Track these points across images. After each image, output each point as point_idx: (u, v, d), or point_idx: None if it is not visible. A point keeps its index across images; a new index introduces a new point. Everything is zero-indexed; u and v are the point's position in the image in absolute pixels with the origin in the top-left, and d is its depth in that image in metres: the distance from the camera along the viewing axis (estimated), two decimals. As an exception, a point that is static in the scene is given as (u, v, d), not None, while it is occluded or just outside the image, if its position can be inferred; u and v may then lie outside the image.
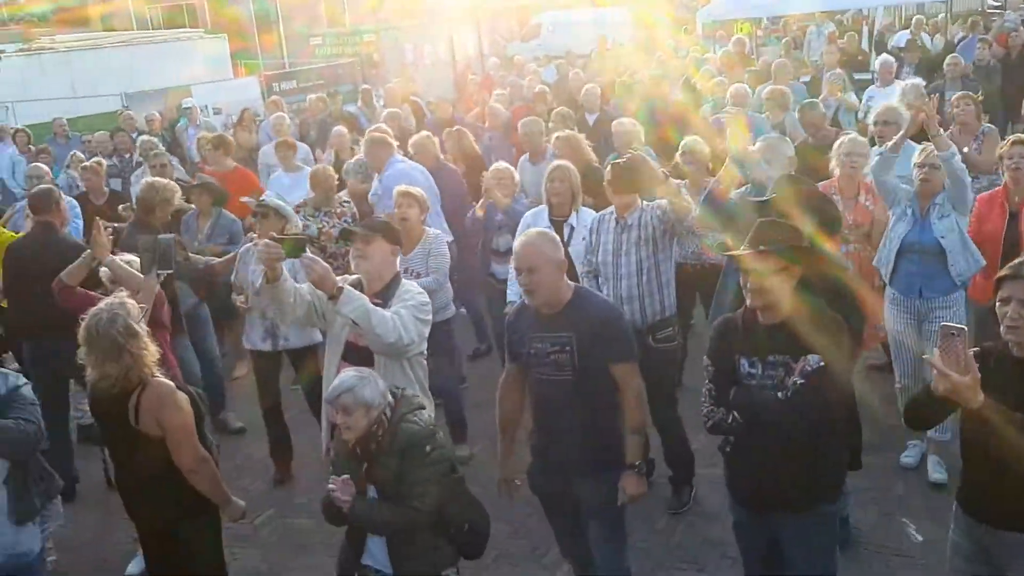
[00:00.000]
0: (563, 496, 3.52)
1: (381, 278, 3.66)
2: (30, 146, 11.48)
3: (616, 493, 3.37)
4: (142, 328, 3.40)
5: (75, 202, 7.17)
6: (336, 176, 6.88)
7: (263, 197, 5.66)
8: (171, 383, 3.48)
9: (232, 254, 5.67)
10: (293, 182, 7.63)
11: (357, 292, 3.38)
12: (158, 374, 3.46)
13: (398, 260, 3.84)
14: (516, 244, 3.49)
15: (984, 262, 4.61)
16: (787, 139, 5.81)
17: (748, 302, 2.97)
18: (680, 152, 5.81)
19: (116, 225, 5.73)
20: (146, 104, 14.00)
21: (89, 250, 4.57)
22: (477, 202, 6.20)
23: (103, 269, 4.52)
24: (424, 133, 7.28)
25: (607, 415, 3.41)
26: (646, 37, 25.08)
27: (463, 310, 6.66)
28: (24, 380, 3.51)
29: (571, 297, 3.41)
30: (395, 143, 7.00)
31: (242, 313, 5.51)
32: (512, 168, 6.16)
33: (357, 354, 3.53)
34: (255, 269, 5.02)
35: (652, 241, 4.60)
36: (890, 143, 4.77)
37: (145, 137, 9.42)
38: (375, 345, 3.41)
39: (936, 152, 4.48)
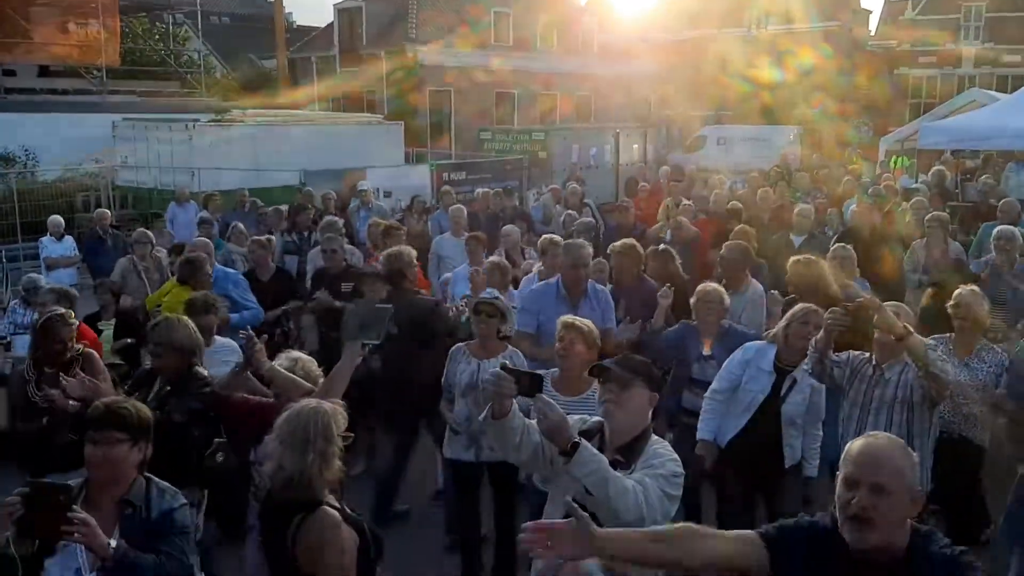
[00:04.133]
0: None
1: (631, 431, 2.99)
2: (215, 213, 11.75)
3: None
4: (339, 440, 2.99)
5: (241, 276, 7.04)
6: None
7: (485, 294, 5.21)
8: (338, 515, 2.98)
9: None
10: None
11: (596, 452, 2.74)
12: (331, 499, 3.01)
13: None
14: (858, 445, 2.31)
15: None
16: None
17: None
18: (953, 304, 4.89)
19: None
20: (323, 182, 14.29)
21: (240, 361, 4.18)
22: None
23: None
24: (629, 241, 6.62)
25: None
26: (818, 157, 24.39)
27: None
28: (183, 500, 3.08)
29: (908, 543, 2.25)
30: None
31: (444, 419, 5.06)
32: (722, 291, 5.47)
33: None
34: (465, 370, 4.69)
35: (910, 407, 3.84)
36: None
37: (330, 218, 9.32)
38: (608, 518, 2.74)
39: None
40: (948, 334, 4.80)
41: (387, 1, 29.69)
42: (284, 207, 11.34)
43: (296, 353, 4.16)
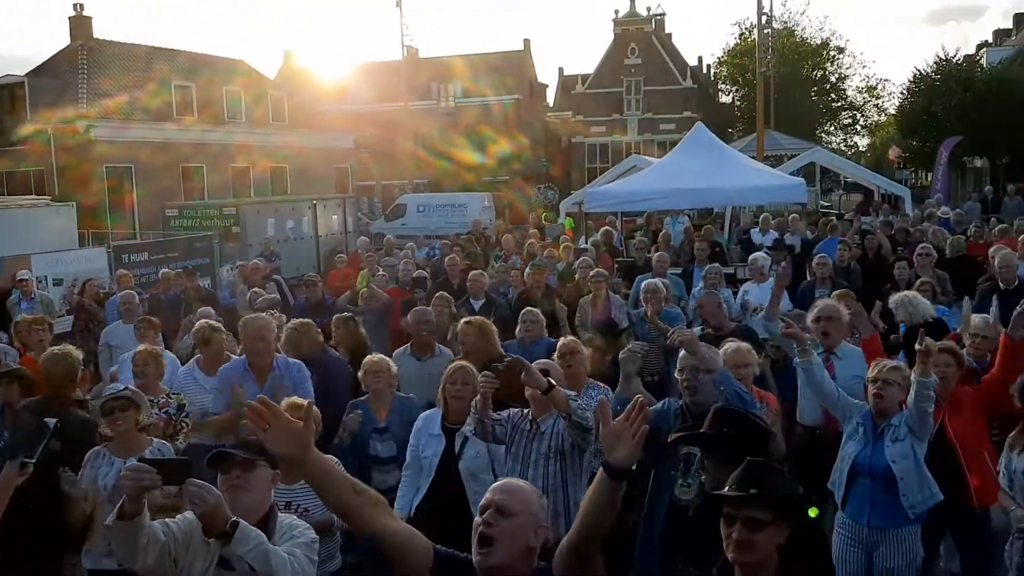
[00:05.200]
0: None
1: (259, 511, 3.01)
2: None
3: None
4: None
5: None
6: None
7: (113, 387, 4.82)
8: None
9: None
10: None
11: (253, 528, 2.72)
12: None
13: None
14: (498, 485, 2.54)
15: (941, 496, 4.28)
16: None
17: (729, 556, 2.48)
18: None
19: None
20: (-22, 274, 12.72)
21: None
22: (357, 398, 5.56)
23: None
24: (303, 320, 6.61)
25: None
26: (503, 223, 25.90)
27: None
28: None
29: None
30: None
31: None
32: (389, 361, 5.55)
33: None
34: (108, 472, 4.30)
35: (562, 456, 4.14)
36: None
37: None
38: None
39: (917, 376, 4.17)
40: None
41: (52, 76, 27.54)
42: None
43: None
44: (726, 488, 2.55)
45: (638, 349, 4.85)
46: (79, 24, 29.09)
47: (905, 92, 40.57)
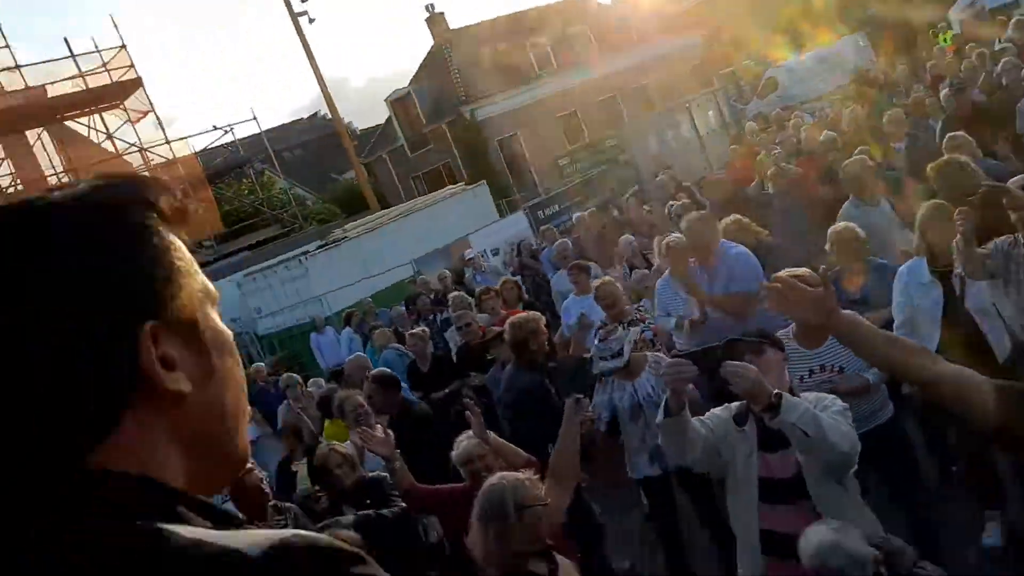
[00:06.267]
0: None
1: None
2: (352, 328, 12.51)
3: None
4: (537, 508, 2.96)
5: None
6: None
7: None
8: None
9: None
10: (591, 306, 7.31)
11: (794, 397, 2.87)
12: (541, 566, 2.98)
13: None
14: None
15: None
16: None
17: None
18: None
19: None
20: (435, 264, 14.87)
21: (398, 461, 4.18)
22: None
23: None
24: (735, 216, 6.72)
25: None
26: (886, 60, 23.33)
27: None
28: None
29: None
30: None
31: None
32: (855, 226, 5.11)
33: (774, 489, 3.00)
34: (622, 395, 4.70)
35: None
36: None
37: (455, 295, 9.58)
38: (816, 463, 2.86)
39: None
40: None
41: (430, 78, 30.71)
42: (401, 306, 11.96)
43: None
44: None
45: None
46: (435, 22, 31.99)
47: None
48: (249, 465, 4.98)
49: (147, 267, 0.78)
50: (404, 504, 4.23)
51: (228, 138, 28.55)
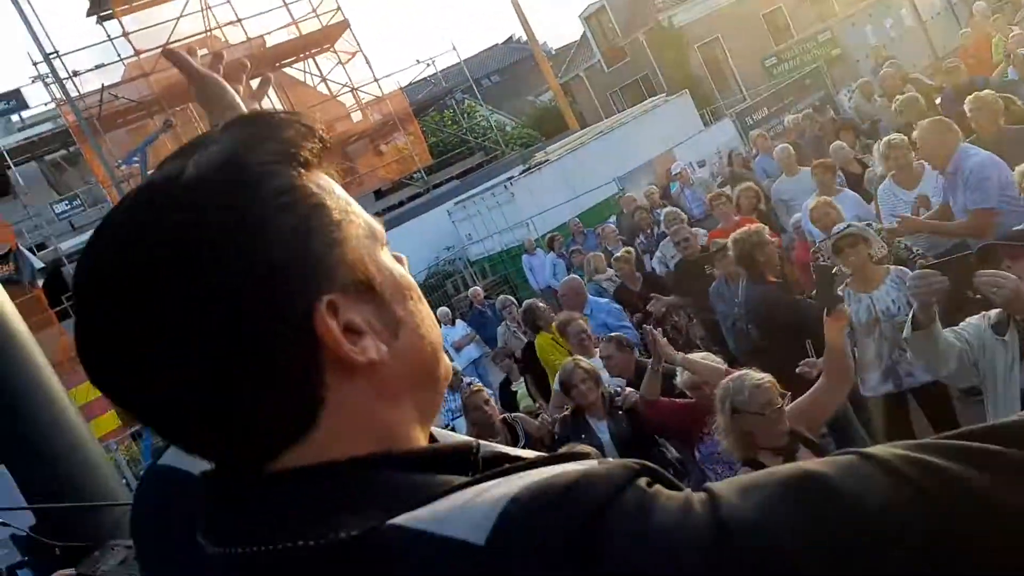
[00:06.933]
0: None
1: None
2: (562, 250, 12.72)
3: None
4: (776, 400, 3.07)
5: (613, 306, 7.23)
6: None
7: (840, 226, 4.87)
8: None
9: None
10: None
11: None
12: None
13: None
14: None
15: None
16: None
17: None
18: None
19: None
20: (639, 180, 14.69)
21: (652, 361, 4.32)
22: None
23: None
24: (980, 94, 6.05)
25: None
26: None
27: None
28: None
29: None
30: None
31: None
32: None
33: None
34: (858, 308, 4.48)
35: None
36: None
37: (669, 210, 9.42)
38: None
39: None
40: None
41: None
42: (611, 223, 11.93)
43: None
44: None
45: None
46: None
47: None
48: (476, 385, 5.28)
49: (302, 241, 0.67)
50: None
51: (430, 71, 29.30)
